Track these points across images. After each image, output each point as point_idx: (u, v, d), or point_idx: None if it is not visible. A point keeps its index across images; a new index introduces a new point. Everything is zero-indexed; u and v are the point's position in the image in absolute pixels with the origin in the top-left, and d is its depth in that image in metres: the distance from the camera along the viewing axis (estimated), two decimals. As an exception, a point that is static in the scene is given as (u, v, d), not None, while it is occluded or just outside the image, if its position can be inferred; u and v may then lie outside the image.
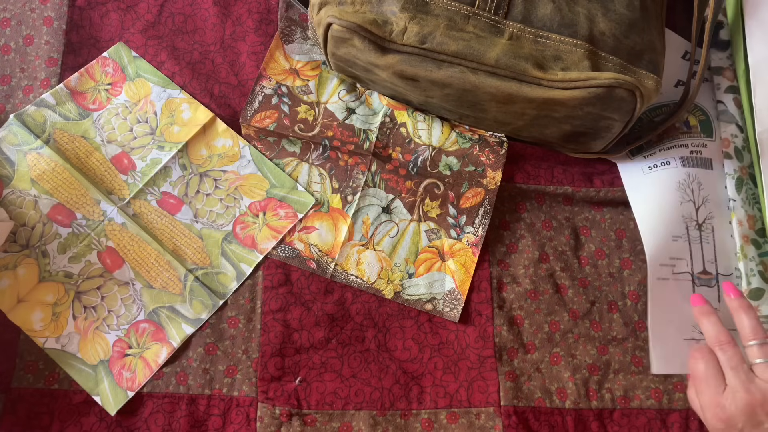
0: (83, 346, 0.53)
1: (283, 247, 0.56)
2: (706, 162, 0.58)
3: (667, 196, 0.57)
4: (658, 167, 0.58)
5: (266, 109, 0.59)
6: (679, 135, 0.59)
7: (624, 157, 0.60)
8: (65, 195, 0.55)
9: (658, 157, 0.59)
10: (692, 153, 0.58)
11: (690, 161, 0.58)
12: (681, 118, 0.60)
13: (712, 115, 0.60)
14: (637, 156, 0.60)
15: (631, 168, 0.59)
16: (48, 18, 0.60)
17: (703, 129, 0.59)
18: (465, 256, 0.57)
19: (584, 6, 0.50)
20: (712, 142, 0.59)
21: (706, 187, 0.58)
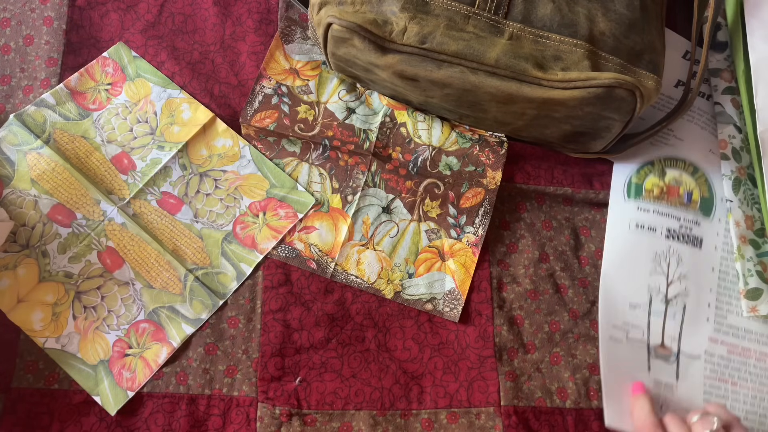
0: (83, 346, 0.53)
1: (283, 247, 0.56)
2: (695, 240, 0.57)
3: (639, 262, 0.56)
4: (644, 229, 0.57)
5: (266, 109, 0.59)
6: (677, 204, 0.58)
7: (620, 201, 0.58)
8: (65, 195, 0.55)
9: (651, 217, 0.57)
10: (681, 227, 0.57)
11: (676, 235, 0.56)
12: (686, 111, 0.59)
13: (717, 194, 0.58)
14: (638, 200, 0.58)
15: (621, 216, 0.58)
16: (48, 18, 0.60)
17: (703, 206, 0.58)
18: (465, 256, 0.57)
19: (584, 6, 0.50)
20: (708, 222, 0.58)
21: (688, 264, 0.56)
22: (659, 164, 0.59)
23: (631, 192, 0.58)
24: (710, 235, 0.57)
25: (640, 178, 0.58)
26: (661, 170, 0.58)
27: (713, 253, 0.57)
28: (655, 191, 0.58)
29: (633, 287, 0.55)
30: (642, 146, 0.60)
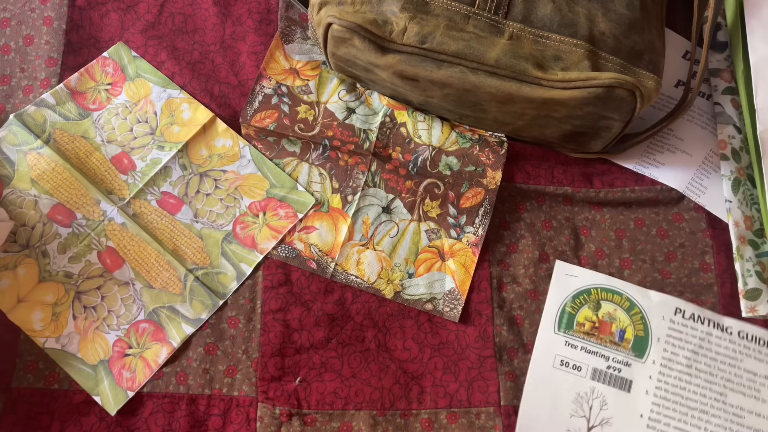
0: (83, 346, 0.53)
1: (283, 247, 0.56)
2: (623, 382, 0.53)
3: (560, 403, 0.53)
4: (568, 367, 0.53)
5: (266, 109, 0.59)
6: (608, 342, 0.54)
7: (550, 332, 0.54)
8: (65, 195, 0.55)
9: (578, 354, 0.54)
10: (609, 368, 0.53)
11: (602, 376, 0.53)
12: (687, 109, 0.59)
13: (653, 334, 0.54)
14: (568, 333, 0.54)
15: (547, 351, 0.54)
16: (48, 18, 0.60)
17: (636, 346, 0.54)
18: (465, 256, 0.57)
19: (584, 6, 0.50)
20: (640, 363, 0.54)
21: (613, 409, 0.52)
22: (596, 294, 0.56)
23: (562, 323, 0.55)
24: (641, 379, 0.53)
25: (574, 307, 0.55)
26: (596, 303, 0.55)
27: (643, 398, 0.53)
28: (587, 326, 0.55)
29: (551, 428, 0.52)
30: (639, 148, 0.60)
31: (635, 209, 0.60)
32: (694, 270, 0.58)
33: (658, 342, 0.54)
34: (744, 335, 0.55)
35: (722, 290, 0.57)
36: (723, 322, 0.55)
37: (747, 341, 0.55)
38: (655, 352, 0.54)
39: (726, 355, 0.54)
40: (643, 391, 0.53)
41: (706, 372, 0.54)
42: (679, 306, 0.56)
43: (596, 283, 0.56)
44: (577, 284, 0.56)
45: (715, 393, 0.53)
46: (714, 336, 0.55)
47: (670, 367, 0.54)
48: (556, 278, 0.56)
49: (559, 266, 0.56)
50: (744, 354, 0.54)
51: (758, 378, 0.54)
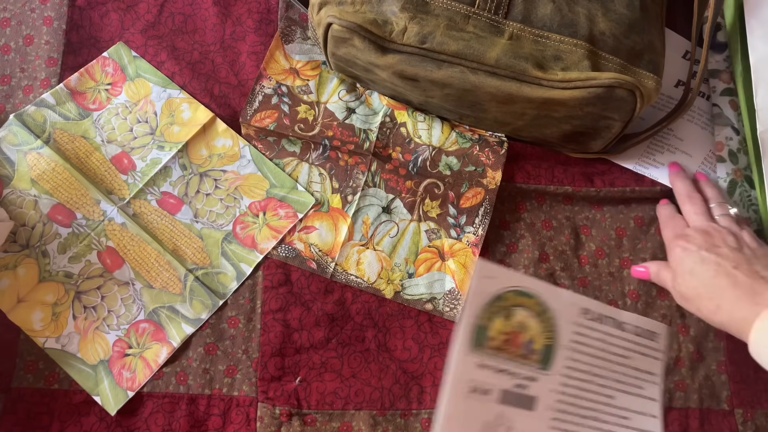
0: (83, 346, 0.53)
1: (283, 247, 0.56)
2: (528, 401, 0.48)
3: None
4: (477, 393, 0.47)
5: (266, 109, 0.59)
6: (517, 357, 0.48)
7: (466, 352, 0.47)
8: (65, 195, 0.55)
9: (489, 376, 0.47)
10: (516, 387, 0.48)
11: (509, 398, 0.47)
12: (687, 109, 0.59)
13: (559, 341, 0.49)
14: (480, 352, 0.48)
15: (461, 377, 0.48)
16: (48, 18, 0.60)
17: (543, 357, 0.48)
18: (465, 256, 0.57)
19: (584, 6, 0.50)
20: (546, 376, 0.48)
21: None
22: (509, 300, 0.49)
23: (476, 339, 0.48)
24: (545, 393, 0.49)
25: (489, 318, 0.49)
26: (508, 310, 0.49)
27: (545, 414, 0.48)
28: (499, 340, 0.49)
29: None
30: (639, 148, 0.60)
31: (635, 208, 0.60)
32: (694, 270, 0.58)
33: (563, 350, 0.50)
34: (638, 331, 0.53)
35: (722, 290, 0.57)
36: (621, 317, 0.53)
37: (639, 337, 0.53)
38: (560, 361, 0.50)
39: (619, 354, 0.52)
40: (545, 407, 0.49)
41: (601, 375, 0.51)
42: (584, 306, 0.52)
43: (510, 285, 0.49)
44: (493, 288, 0.48)
45: (606, 396, 0.50)
46: (612, 336, 0.52)
47: (570, 375, 0.50)
48: (476, 284, 0.48)
49: (480, 267, 0.49)
50: (634, 351, 0.52)
51: (642, 374, 0.52)
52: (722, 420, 0.55)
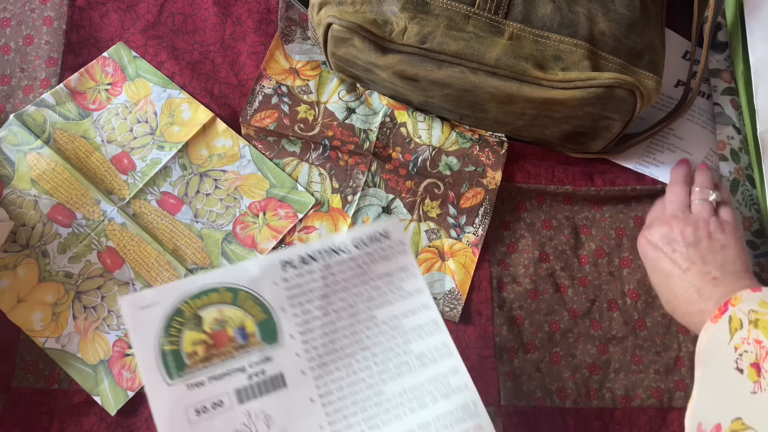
0: (83, 346, 0.52)
1: (283, 247, 0.56)
2: (275, 382, 0.43)
3: None
4: (207, 412, 0.41)
5: (266, 109, 0.59)
6: (233, 352, 0.43)
7: (162, 388, 0.41)
8: (65, 195, 0.55)
9: (209, 391, 0.42)
10: (252, 378, 0.43)
11: (249, 392, 0.42)
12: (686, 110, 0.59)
13: (274, 307, 0.44)
14: (184, 376, 0.41)
15: (172, 414, 0.41)
16: (48, 18, 0.60)
17: (264, 334, 0.44)
18: (465, 256, 0.57)
19: (584, 6, 0.50)
20: (279, 348, 0.44)
21: (280, 416, 0.42)
22: (189, 309, 0.43)
23: (170, 368, 0.42)
24: (290, 362, 0.44)
25: (173, 341, 0.42)
26: (194, 318, 0.43)
27: (302, 379, 0.44)
28: (200, 351, 0.43)
29: None
30: (639, 148, 0.60)
31: (635, 207, 0.60)
32: (694, 270, 0.58)
33: (284, 312, 0.45)
34: (364, 242, 0.47)
35: (722, 290, 0.57)
36: (335, 243, 0.47)
37: (369, 246, 0.47)
38: (287, 325, 0.45)
39: (354, 275, 0.47)
40: (299, 374, 0.44)
41: (347, 305, 0.46)
42: (283, 259, 0.46)
43: (179, 295, 0.44)
44: (160, 312, 0.43)
45: (365, 319, 0.46)
46: (333, 264, 0.47)
47: (310, 330, 0.45)
48: (131, 323, 0.42)
49: (126, 305, 0.42)
50: (370, 262, 0.47)
51: (393, 275, 0.48)
52: (722, 420, 0.55)
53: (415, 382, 0.45)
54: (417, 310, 0.47)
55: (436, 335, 0.47)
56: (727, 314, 0.43)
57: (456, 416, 0.44)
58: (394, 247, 0.48)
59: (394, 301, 0.47)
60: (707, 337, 0.44)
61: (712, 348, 0.43)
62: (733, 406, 0.39)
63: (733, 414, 0.39)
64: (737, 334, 0.41)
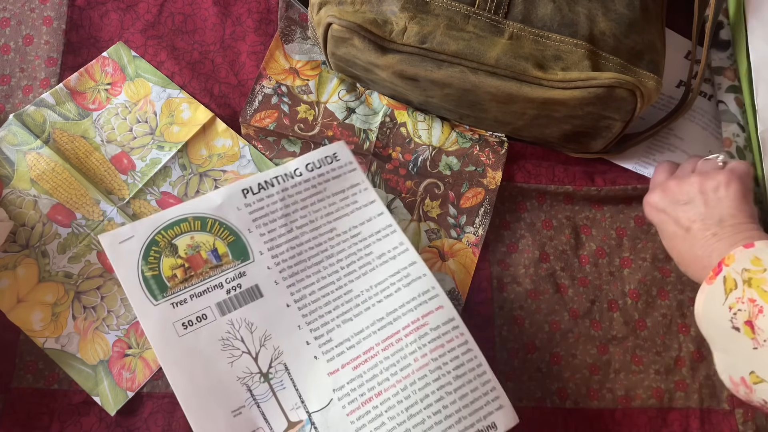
0: (83, 346, 0.52)
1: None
2: (252, 293, 0.49)
3: (213, 364, 0.46)
4: (192, 325, 0.47)
5: (266, 109, 0.59)
6: (209, 272, 0.48)
7: (148, 309, 0.47)
8: (65, 195, 0.55)
9: (192, 306, 0.47)
10: (230, 292, 0.48)
11: (229, 304, 0.48)
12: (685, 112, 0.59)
13: (240, 229, 0.50)
14: (167, 296, 0.47)
15: (161, 329, 0.47)
16: (48, 18, 0.60)
17: (236, 253, 0.49)
18: (465, 256, 0.57)
19: (584, 6, 0.50)
20: (252, 264, 0.49)
21: (261, 322, 0.48)
22: (163, 239, 0.49)
23: (153, 290, 0.48)
24: (263, 275, 0.49)
25: (153, 267, 0.48)
26: (169, 246, 0.49)
27: (276, 288, 0.49)
28: (179, 274, 0.48)
29: (224, 395, 0.46)
30: (639, 148, 0.60)
31: (635, 207, 0.60)
32: (695, 270, 0.58)
33: (251, 233, 0.50)
34: (310, 165, 0.53)
35: (722, 290, 0.57)
36: (289, 169, 0.53)
37: (321, 168, 0.53)
38: (255, 243, 0.50)
39: (311, 194, 0.53)
40: (272, 284, 0.49)
41: (306, 223, 0.52)
42: (242, 187, 0.51)
43: (152, 227, 0.49)
44: (136, 244, 0.48)
45: (328, 232, 0.52)
46: (290, 187, 0.52)
47: (277, 245, 0.51)
48: (113, 256, 0.48)
49: (106, 241, 0.48)
50: (324, 181, 0.53)
51: (346, 192, 0.53)
52: (722, 420, 0.55)
53: (379, 278, 0.51)
54: (372, 218, 0.53)
55: (392, 236, 0.53)
56: (721, 275, 0.43)
57: (419, 300, 0.50)
58: (343, 167, 0.54)
59: (350, 213, 0.53)
60: (704, 299, 0.44)
61: (709, 310, 0.43)
62: (744, 362, 0.41)
63: (747, 368, 0.41)
64: (732, 294, 0.42)
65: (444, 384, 0.47)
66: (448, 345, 0.49)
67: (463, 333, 0.50)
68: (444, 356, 0.48)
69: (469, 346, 0.49)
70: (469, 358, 0.49)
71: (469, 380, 0.48)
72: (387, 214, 0.53)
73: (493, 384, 0.48)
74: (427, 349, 0.48)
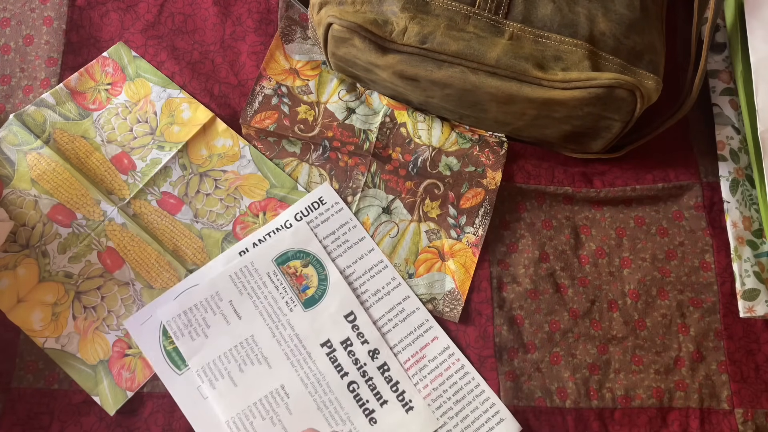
0: (83, 346, 0.52)
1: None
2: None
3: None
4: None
5: (266, 110, 0.59)
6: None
7: (175, 378, 0.52)
8: (65, 195, 0.55)
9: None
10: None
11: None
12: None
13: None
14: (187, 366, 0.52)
15: (187, 394, 0.52)
16: (48, 18, 0.60)
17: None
18: (465, 257, 0.57)
19: (584, 6, 0.50)
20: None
21: None
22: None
23: (177, 362, 0.52)
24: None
25: (171, 341, 0.53)
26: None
27: None
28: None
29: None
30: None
31: (635, 207, 0.60)
32: (694, 268, 0.58)
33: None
34: (299, 215, 0.56)
35: (722, 289, 0.57)
36: (279, 222, 0.55)
37: (306, 216, 0.56)
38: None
39: (307, 242, 0.55)
40: None
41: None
42: (241, 249, 0.55)
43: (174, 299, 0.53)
44: (155, 323, 0.53)
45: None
46: (284, 239, 0.55)
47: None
48: (137, 336, 0.53)
49: (130, 326, 0.53)
50: (314, 227, 0.56)
51: (337, 232, 0.56)
52: (722, 420, 0.55)
53: (376, 316, 0.54)
54: (364, 255, 0.56)
55: (384, 272, 0.55)
56: None
57: (415, 334, 0.54)
58: (330, 209, 0.56)
59: (343, 254, 0.55)
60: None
61: None
62: None
63: None
64: None
65: (446, 410, 0.52)
66: (446, 373, 0.53)
67: (459, 359, 0.53)
68: (443, 384, 0.53)
69: (465, 369, 0.53)
70: (466, 381, 0.53)
71: (468, 402, 0.52)
72: (377, 250, 0.56)
73: (493, 400, 0.52)
74: (428, 380, 0.53)
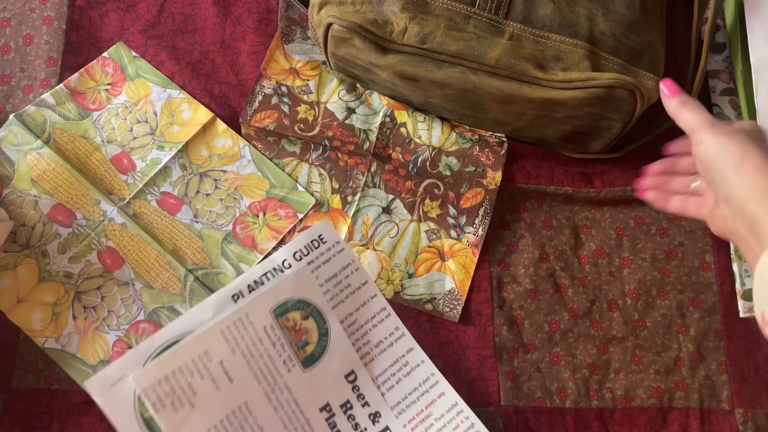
0: (83, 346, 0.52)
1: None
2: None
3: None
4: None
5: (266, 109, 0.59)
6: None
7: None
8: (65, 195, 0.55)
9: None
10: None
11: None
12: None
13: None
14: None
15: None
16: (48, 18, 0.60)
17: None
18: (465, 257, 0.57)
19: (584, 6, 0.50)
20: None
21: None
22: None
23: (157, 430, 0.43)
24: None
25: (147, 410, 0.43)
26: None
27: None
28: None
29: None
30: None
31: (635, 207, 0.60)
32: (694, 269, 0.58)
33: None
34: (298, 254, 0.49)
35: (722, 289, 0.57)
36: (276, 262, 0.48)
37: (306, 256, 0.49)
38: None
39: (306, 286, 0.49)
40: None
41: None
42: (234, 292, 0.47)
43: (140, 360, 0.43)
44: (129, 386, 0.43)
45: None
46: (281, 283, 0.48)
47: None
48: (104, 403, 0.42)
49: (93, 387, 0.42)
50: (315, 268, 0.49)
51: (339, 275, 0.50)
52: (722, 420, 0.55)
53: (379, 370, 0.50)
54: (366, 302, 0.51)
55: (387, 321, 0.51)
56: None
57: (420, 390, 0.50)
58: (331, 248, 0.50)
59: (345, 299, 0.50)
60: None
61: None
62: None
63: None
64: None
65: None
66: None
67: (468, 416, 0.49)
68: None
69: (476, 428, 0.49)
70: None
71: None
72: (380, 296, 0.51)
73: None
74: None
